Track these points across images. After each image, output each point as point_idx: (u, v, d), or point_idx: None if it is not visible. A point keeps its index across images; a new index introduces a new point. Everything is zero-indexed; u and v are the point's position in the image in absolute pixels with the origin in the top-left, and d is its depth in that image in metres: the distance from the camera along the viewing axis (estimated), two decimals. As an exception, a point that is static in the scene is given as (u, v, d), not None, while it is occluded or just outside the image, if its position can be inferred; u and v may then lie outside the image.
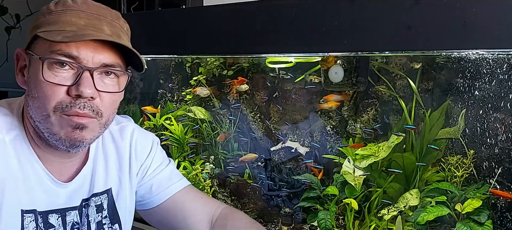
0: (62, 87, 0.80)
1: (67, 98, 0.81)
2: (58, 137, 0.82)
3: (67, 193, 0.92)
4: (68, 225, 0.93)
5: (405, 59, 1.38)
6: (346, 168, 1.37)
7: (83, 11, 0.83)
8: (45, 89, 0.80)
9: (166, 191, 1.07)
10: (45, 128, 0.82)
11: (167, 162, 1.11)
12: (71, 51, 0.80)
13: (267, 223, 1.57)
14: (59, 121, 0.81)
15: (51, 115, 0.81)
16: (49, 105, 0.80)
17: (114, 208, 1.01)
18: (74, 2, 0.84)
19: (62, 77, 0.80)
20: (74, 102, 0.81)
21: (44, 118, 0.82)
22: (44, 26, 0.82)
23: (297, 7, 1.15)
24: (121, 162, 1.02)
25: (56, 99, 0.80)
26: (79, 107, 0.81)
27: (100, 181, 0.98)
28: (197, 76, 1.84)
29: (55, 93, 0.80)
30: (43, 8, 0.86)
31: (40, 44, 0.82)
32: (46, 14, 0.84)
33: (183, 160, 1.82)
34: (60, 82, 0.80)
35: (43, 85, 0.80)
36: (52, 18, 0.82)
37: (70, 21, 0.81)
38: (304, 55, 1.45)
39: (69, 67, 0.81)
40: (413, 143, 1.35)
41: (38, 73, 0.80)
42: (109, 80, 0.85)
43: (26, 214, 0.86)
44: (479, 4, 0.92)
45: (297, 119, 1.64)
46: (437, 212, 1.20)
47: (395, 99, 1.40)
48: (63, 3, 0.84)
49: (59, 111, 0.81)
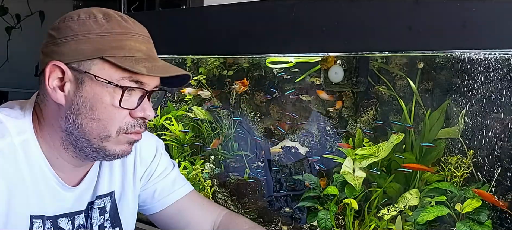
0: (127, 110, 0.84)
1: (131, 120, 0.85)
2: (111, 153, 0.86)
3: (75, 196, 0.93)
4: (76, 229, 0.93)
5: (405, 59, 1.38)
6: (346, 168, 1.37)
7: (138, 34, 0.85)
8: (113, 113, 0.83)
9: (168, 197, 1.07)
10: (99, 146, 0.84)
11: (172, 167, 1.11)
12: (144, 79, 0.83)
13: (267, 223, 1.57)
14: (118, 140, 0.85)
15: (113, 136, 0.84)
16: (114, 127, 0.83)
17: (116, 212, 1.01)
18: (126, 21, 0.85)
19: (130, 102, 0.84)
20: (137, 123, 0.86)
21: (102, 138, 0.84)
22: (108, 49, 0.81)
23: (297, 7, 1.15)
24: (124, 166, 1.02)
25: (122, 122, 0.84)
26: (141, 127, 0.87)
27: (105, 184, 0.98)
28: (197, 76, 1.84)
29: (121, 117, 0.84)
30: (89, 22, 0.82)
31: (104, 66, 0.81)
32: (103, 33, 0.82)
33: (183, 160, 1.82)
34: (128, 107, 0.83)
35: (111, 109, 0.82)
36: (115, 42, 0.82)
37: (135, 47, 0.83)
38: (304, 55, 1.45)
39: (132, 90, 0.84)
40: (413, 143, 1.35)
41: (105, 97, 0.81)
42: None
43: (34, 220, 0.86)
44: (479, 4, 0.92)
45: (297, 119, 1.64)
46: (437, 212, 1.20)
47: (395, 99, 1.40)
48: (117, 22, 0.83)
49: (122, 132, 0.84)
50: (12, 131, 0.84)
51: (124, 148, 0.87)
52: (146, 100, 0.86)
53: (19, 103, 0.91)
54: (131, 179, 1.03)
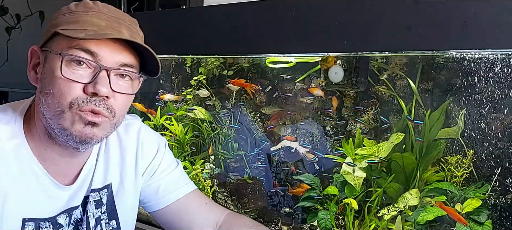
0: (79, 84, 0.82)
1: (83, 95, 0.82)
2: (69, 132, 0.83)
3: (70, 194, 0.93)
4: (73, 223, 0.94)
5: (405, 59, 1.38)
6: (346, 168, 1.37)
7: (104, 14, 0.85)
8: (62, 85, 0.81)
9: (172, 194, 1.07)
10: (57, 124, 0.82)
11: (175, 165, 1.12)
12: (90, 48, 0.81)
13: (267, 223, 1.57)
14: (72, 117, 0.82)
15: (66, 111, 0.82)
16: (65, 101, 0.81)
17: (113, 204, 1.01)
18: (95, 4, 0.86)
19: (79, 75, 0.82)
20: (90, 99, 0.82)
21: (57, 114, 0.82)
22: (64, 24, 0.83)
23: (297, 7, 1.15)
24: (124, 158, 1.02)
25: (72, 95, 0.81)
26: (95, 104, 0.82)
27: (99, 177, 0.98)
28: (197, 76, 1.84)
29: (72, 90, 0.81)
30: (63, 8, 0.88)
31: (59, 41, 0.83)
32: (66, 13, 0.86)
33: (183, 160, 1.82)
34: (77, 79, 0.81)
35: (60, 81, 0.81)
36: (73, 17, 0.84)
37: (91, 21, 0.83)
38: (304, 55, 1.45)
39: (87, 65, 0.82)
40: (413, 143, 1.35)
41: (55, 69, 0.81)
42: (123, 82, 0.87)
43: (27, 223, 0.87)
44: (479, 4, 0.92)
45: (297, 119, 1.64)
46: (437, 212, 1.20)
47: (395, 99, 1.40)
48: (84, 4, 0.86)
49: (74, 107, 0.82)
50: (3, 136, 0.85)
51: (80, 129, 0.82)
52: (103, 76, 0.82)
53: (13, 107, 0.91)
54: (132, 173, 1.03)
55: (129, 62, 0.86)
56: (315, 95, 1.54)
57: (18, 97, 0.98)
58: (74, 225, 0.94)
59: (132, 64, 0.87)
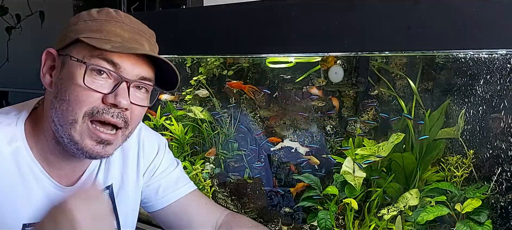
0: (98, 93, 0.80)
1: (101, 105, 0.81)
2: (79, 146, 0.82)
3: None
4: None
5: (405, 59, 1.38)
6: (346, 168, 1.37)
7: (127, 24, 0.85)
8: (81, 93, 0.80)
9: (172, 194, 1.07)
10: (67, 134, 0.81)
11: (175, 165, 1.12)
12: (114, 59, 0.80)
13: (267, 223, 1.57)
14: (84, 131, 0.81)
15: (79, 121, 0.80)
16: (81, 109, 0.80)
17: (113, 205, 1.00)
18: (117, 13, 0.85)
19: (99, 84, 0.81)
20: (108, 110, 0.81)
21: (70, 123, 0.80)
22: (87, 32, 0.82)
23: (297, 7, 1.15)
24: (125, 159, 1.02)
25: (90, 104, 0.80)
26: (112, 115, 0.81)
27: (100, 179, 0.98)
28: (197, 76, 1.84)
29: (90, 98, 0.80)
30: (83, 14, 0.86)
31: (81, 48, 0.81)
32: (88, 20, 0.84)
33: (183, 160, 1.82)
34: (97, 89, 0.80)
35: (79, 89, 0.79)
36: (96, 26, 0.83)
37: (115, 31, 0.82)
38: (304, 55, 1.45)
39: (107, 76, 0.81)
40: (413, 143, 1.35)
41: (76, 76, 0.80)
42: (140, 94, 0.86)
43: (27, 228, 0.86)
44: (479, 4, 0.92)
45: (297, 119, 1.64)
46: (437, 212, 1.20)
47: (395, 99, 1.40)
48: (106, 13, 0.85)
49: (88, 117, 0.80)
50: (3, 140, 0.84)
51: (91, 146, 0.81)
52: (123, 88, 0.81)
53: (16, 109, 0.90)
54: (134, 173, 1.04)
55: (148, 76, 0.86)
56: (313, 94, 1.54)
57: (18, 97, 0.98)
58: None
59: (150, 77, 0.87)
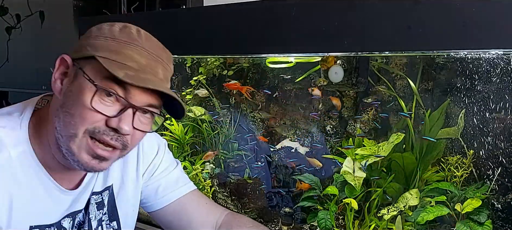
0: (103, 115, 0.80)
1: (103, 127, 0.80)
2: (76, 158, 0.81)
3: (74, 198, 0.93)
4: (76, 226, 0.94)
5: (405, 59, 1.38)
6: (346, 168, 1.37)
7: (145, 50, 0.83)
8: (86, 112, 0.79)
9: (171, 194, 1.07)
10: (66, 145, 0.81)
11: (175, 165, 1.12)
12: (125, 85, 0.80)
13: (267, 223, 1.57)
14: (82, 144, 0.80)
15: (79, 136, 0.80)
16: (82, 126, 0.79)
17: (114, 206, 1.01)
18: (139, 35, 0.84)
19: (106, 106, 0.80)
20: (108, 132, 0.81)
21: (70, 136, 0.80)
22: (104, 51, 0.80)
23: (297, 7, 1.15)
24: (125, 159, 1.02)
25: (92, 124, 0.80)
26: (111, 138, 0.81)
27: (100, 180, 0.98)
28: (197, 76, 1.84)
29: (94, 119, 0.80)
30: (105, 28, 0.84)
31: (95, 66, 0.80)
32: (108, 38, 0.83)
33: (183, 160, 1.82)
34: (103, 111, 0.79)
35: (85, 108, 0.79)
36: (114, 46, 0.81)
37: (133, 57, 0.81)
38: (304, 55, 1.45)
39: (115, 99, 0.80)
40: (413, 143, 1.35)
41: (84, 96, 0.79)
42: (145, 119, 0.85)
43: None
44: (479, 4, 0.92)
45: (297, 118, 1.64)
46: (436, 212, 1.20)
47: (395, 99, 1.40)
48: (128, 33, 0.83)
49: (88, 133, 0.80)
50: (9, 144, 0.83)
51: (87, 160, 0.82)
52: (128, 114, 0.81)
53: (18, 109, 0.89)
54: (134, 173, 1.04)
55: (155, 103, 0.85)
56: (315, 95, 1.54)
57: (18, 97, 0.98)
58: (77, 227, 0.94)
59: (158, 105, 0.86)
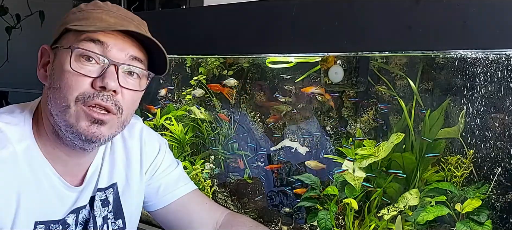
0: (87, 78, 0.82)
1: (90, 90, 0.82)
2: (75, 130, 0.82)
3: (78, 194, 0.93)
4: (81, 223, 0.94)
5: (405, 59, 1.38)
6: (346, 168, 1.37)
7: (113, 12, 0.87)
8: (70, 79, 0.81)
9: (172, 194, 1.08)
10: (63, 120, 0.82)
11: (176, 165, 1.12)
12: (99, 38, 0.82)
13: (267, 223, 1.57)
14: (78, 113, 0.81)
15: (72, 106, 0.81)
16: (71, 95, 0.81)
17: (119, 203, 1.01)
18: (105, 3, 0.88)
19: (88, 70, 0.82)
20: (98, 94, 0.82)
21: (63, 109, 0.81)
22: (74, 21, 0.85)
23: (297, 7, 1.15)
24: (129, 158, 1.03)
25: (79, 89, 0.81)
26: (102, 99, 0.82)
27: (105, 177, 0.99)
28: (197, 76, 1.84)
29: (79, 84, 0.81)
30: (73, 8, 0.90)
31: (69, 36, 0.84)
32: (76, 12, 0.88)
33: (183, 160, 1.82)
34: (86, 74, 0.82)
35: (68, 75, 0.81)
36: (83, 15, 0.86)
37: (101, 17, 0.85)
38: (304, 55, 1.45)
39: (95, 61, 0.83)
40: (413, 143, 1.35)
41: (64, 63, 0.81)
42: (131, 79, 0.87)
43: (38, 226, 0.87)
44: (479, 4, 0.92)
45: (297, 118, 1.64)
46: (436, 212, 1.20)
47: (395, 99, 1.40)
48: (94, 3, 0.88)
49: (80, 102, 0.81)
50: (13, 139, 0.84)
51: (86, 126, 0.82)
52: (111, 71, 0.82)
53: (20, 108, 0.91)
54: (138, 172, 1.04)
55: (138, 56, 0.86)
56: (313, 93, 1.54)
57: (18, 97, 0.98)
58: (82, 224, 0.95)
59: (140, 58, 0.87)
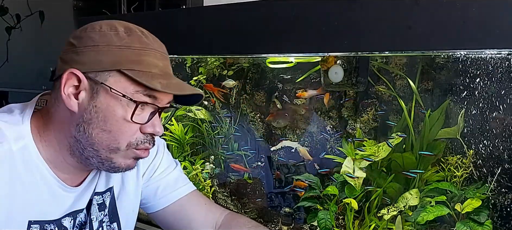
0: (138, 125, 0.84)
1: (141, 136, 0.86)
2: (117, 166, 0.86)
3: (76, 196, 0.93)
4: (77, 226, 0.94)
5: (405, 59, 1.38)
6: (346, 168, 1.37)
7: (157, 50, 0.86)
8: (124, 126, 0.83)
9: (171, 195, 1.08)
10: (107, 157, 0.85)
11: (174, 166, 1.12)
12: (155, 94, 0.84)
13: (267, 223, 1.57)
14: (127, 155, 0.86)
15: (121, 148, 0.84)
16: (124, 140, 0.84)
17: (114, 207, 1.01)
18: (146, 36, 0.86)
19: (140, 117, 0.84)
20: (147, 139, 0.86)
21: (111, 150, 0.84)
22: (126, 63, 0.82)
23: (297, 7, 1.15)
24: None
25: (132, 136, 0.85)
26: (149, 143, 0.87)
27: (102, 181, 0.98)
28: (197, 76, 1.84)
29: (132, 131, 0.84)
30: (111, 36, 0.83)
31: (121, 79, 0.82)
32: (123, 47, 0.82)
33: (183, 160, 1.82)
34: (137, 121, 0.83)
35: (123, 122, 0.83)
36: (133, 55, 0.83)
37: (153, 62, 0.84)
38: (304, 55, 1.45)
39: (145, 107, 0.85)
40: (413, 143, 1.35)
41: (118, 110, 0.82)
42: None
43: (33, 225, 0.86)
44: (479, 4, 0.92)
45: (297, 118, 1.64)
46: (437, 212, 1.20)
47: (395, 99, 1.41)
48: (138, 38, 0.84)
49: (132, 146, 0.85)
50: (10, 137, 0.84)
51: (129, 163, 0.88)
52: (157, 116, 0.86)
53: (18, 107, 0.90)
54: (134, 176, 1.04)
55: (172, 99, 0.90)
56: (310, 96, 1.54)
57: (18, 97, 0.98)
58: (78, 228, 0.94)
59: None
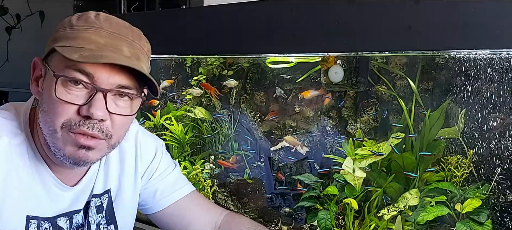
0: (73, 105, 0.79)
1: (76, 117, 0.79)
2: (63, 153, 0.81)
3: (72, 196, 0.93)
4: (74, 228, 0.94)
5: (405, 59, 1.38)
6: (346, 168, 1.37)
7: (104, 30, 0.81)
8: (56, 105, 0.79)
9: (169, 197, 1.07)
10: (52, 142, 0.81)
11: (173, 167, 1.11)
12: (86, 69, 0.78)
13: (267, 223, 1.57)
14: (65, 138, 0.80)
15: (58, 131, 0.80)
16: (57, 121, 0.79)
17: (111, 209, 1.01)
18: (97, 18, 0.82)
19: (74, 96, 0.79)
20: (83, 122, 0.79)
21: (51, 133, 0.80)
22: (63, 40, 0.80)
23: (297, 7, 1.15)
24: (123, 163, 1.02)
25: (65, 116, 0.79)
26: (88, 128, 0.79)
27: (100, 183, 0.98)
28: (197, 76, 1.84)
29: (65, 111, 0.79)
30: (65, 20, 0.84)
31: (57, 58, 0.80)
32: (67, 27, 0.82)
33: (183, 160, 1.82)
34: (71, 101, 0.78)
35: (54, 101, 0.79)
36: (72, 33, 0.80)
37: (90, 38, 0.79)
38: (304, 55, 1.45)
39: (83, 86, 0.79)
40: (413, 143, 1.35)
41: (51, 89, 0.79)
42: (122, 102, 0.83)
43: (31, 220, 0.86)
44: (479, 4, 0.92)
45: (297, 118, 1.64)
46: (436, 212, 1.20)
47: (395, 99, 1.40)
48: (85, 18, 0.82)
49: (66, 128, 0.79)
50: (8, 133, 0.84)
51: (72, 151, 0.80)
52: (98, 98, 0.79)
53: (16, 106, 0.91)
54: (132, 178, 1.03)
55: (127, 84, 0.82)
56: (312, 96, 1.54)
57: (18, 97, 0.98)
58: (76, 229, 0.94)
59: (130, 84, 0.82)
